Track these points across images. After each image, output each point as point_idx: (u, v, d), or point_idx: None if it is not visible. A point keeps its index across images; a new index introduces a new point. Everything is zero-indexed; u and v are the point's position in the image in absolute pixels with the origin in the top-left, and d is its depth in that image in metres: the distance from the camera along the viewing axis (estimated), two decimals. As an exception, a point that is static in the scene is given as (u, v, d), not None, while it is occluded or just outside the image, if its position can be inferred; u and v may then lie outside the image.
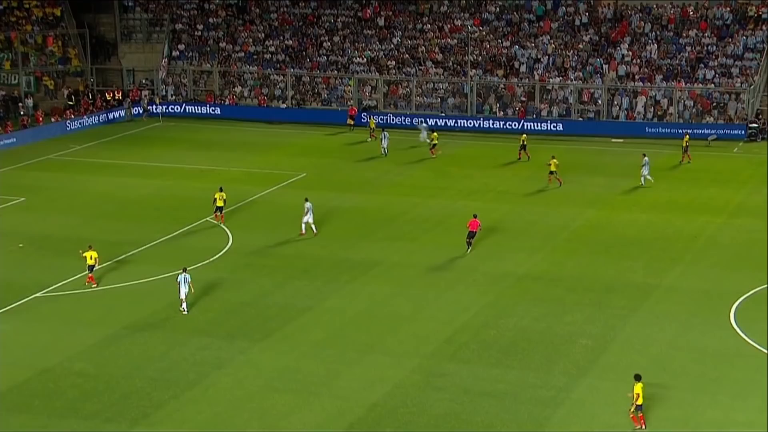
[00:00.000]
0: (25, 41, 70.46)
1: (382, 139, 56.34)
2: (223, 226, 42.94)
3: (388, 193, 48.68)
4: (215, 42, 72.80)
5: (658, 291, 35.15)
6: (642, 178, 49.01)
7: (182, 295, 33.25)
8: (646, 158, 49.30)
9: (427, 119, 62.73)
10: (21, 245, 40.41)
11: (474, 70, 66.10)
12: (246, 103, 69.09)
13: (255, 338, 31.41)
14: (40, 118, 63.15)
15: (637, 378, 25.72)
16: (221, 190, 43.71)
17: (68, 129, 63.11)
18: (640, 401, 25.38)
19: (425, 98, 66.60)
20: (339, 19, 72.58)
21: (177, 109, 68.44)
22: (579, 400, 27.00)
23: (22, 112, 65.27)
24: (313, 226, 41.68)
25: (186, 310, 33.42)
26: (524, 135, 55.91)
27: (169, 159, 56.14)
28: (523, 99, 64.93)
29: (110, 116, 66.68)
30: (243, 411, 26.82)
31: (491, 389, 27.86)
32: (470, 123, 63.93)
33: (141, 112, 67.38)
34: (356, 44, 70.43)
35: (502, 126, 62.60)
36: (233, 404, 27.20)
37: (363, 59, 69.13)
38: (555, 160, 49.02)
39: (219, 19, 74.13)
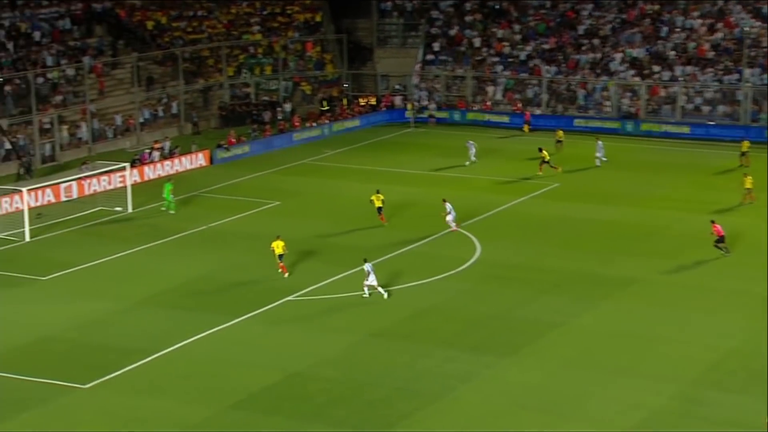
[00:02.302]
0: (286, 46, 73.95)
1: (597, 150, 54.61)
2: (467, 233, 43.18)
3: (647, 206, 47.13)
4: (469, 43, 73.11)
5: None
6: None
7: (372, 282, 35.47)
8: None
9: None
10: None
11: (750, 71, 62.63)
12: (500, 109, 69.14)
13: (502, 353, 31.28)
14: (297, 123, 66.09)
15: None
16: (378, 192, 45.08)
17: (323, 134, 65.70)
18: None
19: (692, 104, 63.95)
20: (600, 20, 71.04)
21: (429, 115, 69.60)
22: None
23: (279, 117, 68.62)
24: (452, 224, 43.17)
25: (369, 295, 35.59)
26: (746, 141, 53.87)
27: (419, 166, 57.13)
28: (808, 107, 60.97)
29: (364, 122, 68.77)
30: (489, 428, 26.74)
31: (760, 424, 26.23)
32: (742, 133, 60.73)
33: (428, 117, 68.59)
34: (617, 46, 68.72)
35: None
36: (479, 420, 27.18)
37: (624, 61, 67.32)
38: (750, 177, 47.35)
39: (475, 20, 74.32)
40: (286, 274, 38.32)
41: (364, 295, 35.81)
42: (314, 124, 66.30)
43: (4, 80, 58.52)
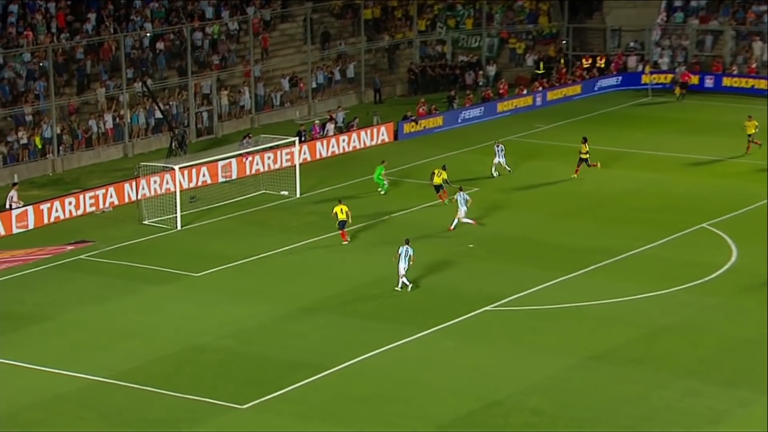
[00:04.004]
0: (493, -7, 73.80)
1: None
2: (720, 233, 42.02)
3: None
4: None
5: None
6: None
7: (401, 271, 37.24)
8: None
9: None
10: (471, 246, 42.52)
11: None
12: None
13: (763, 388, 30.34)
14: (503, 90, 65.93)
15: None
16: (444, 168, 47.12)
17: (535, 104, 65.33)
18: None
19: None
20: None
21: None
22: None
23: (481, 83, 68.63)
24: (467, 220, 43.60)
25: (407, 286, 37.33)
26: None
27: (655, 145, 56.03)
28: None
29: (587, 89, 67.94)
30: (741, 484, 26.04)
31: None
32: None
33: (672, 83, 67.24)
34: None
35: None
36: (729, 473, 26.51)
37: None
38: None
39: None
40: (345, 242, 41.87)
41: (396, 288, 37.49)
42: (525, 91, 66.03)
43: (155, 35, 60.95)
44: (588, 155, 50.37)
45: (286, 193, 49.54)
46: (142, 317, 36.36)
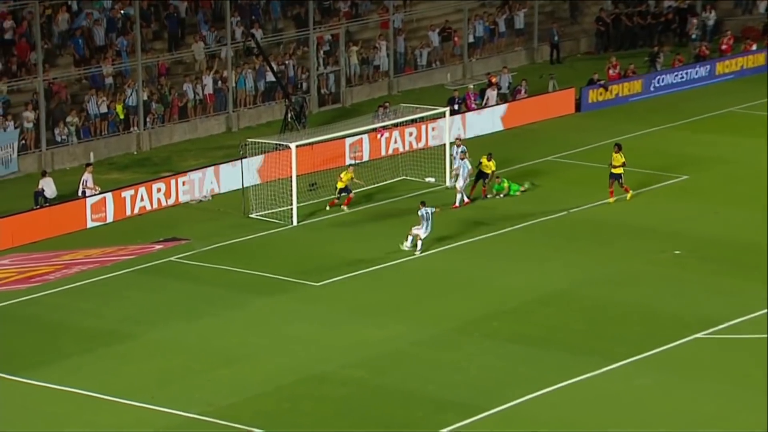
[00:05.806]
0: None
1: None
2: None
3: None
4: None
5: None
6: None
7: (423, 234, 41.67)
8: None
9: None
10: (677, 252, 42.37)
11: None
12: None
13: None
14: (726, 46, 65.20)
15: None
16: (490, 158, 47.95)
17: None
18: None
19: None
20: None
21: None
22: None
23: (694, 36, 67.94)
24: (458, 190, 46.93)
25: (411, 247, 41.61)
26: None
27: None
28: None
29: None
30: None
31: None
32: None
33: None
34: None
35: None
36: None
37: None
38: None
39: None
40: (345, 208, 46.53)
41: (405, 246, 41.86)
42: (754, 47, 65.29)
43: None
44: (623, 170, 46.35)
45: (432, 179, 49.87)
46: (247, 338, 36.96)
